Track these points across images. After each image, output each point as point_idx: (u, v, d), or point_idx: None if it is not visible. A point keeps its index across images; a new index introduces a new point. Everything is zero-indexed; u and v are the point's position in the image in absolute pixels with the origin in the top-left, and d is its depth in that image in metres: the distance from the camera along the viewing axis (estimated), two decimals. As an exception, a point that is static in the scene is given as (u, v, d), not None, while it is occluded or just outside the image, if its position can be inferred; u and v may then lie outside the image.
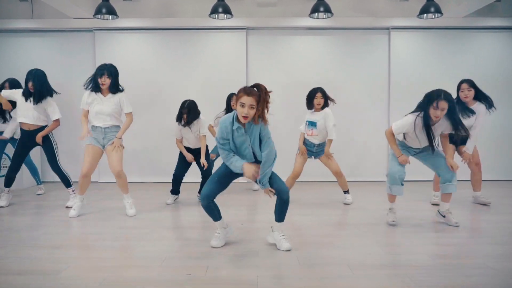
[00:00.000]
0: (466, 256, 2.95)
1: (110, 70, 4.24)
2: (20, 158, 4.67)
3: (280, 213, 3.14)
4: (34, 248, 3.18)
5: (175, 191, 4.97)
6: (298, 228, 3.74)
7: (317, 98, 4.70)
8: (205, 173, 4.79)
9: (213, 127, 5.37)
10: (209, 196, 3.04)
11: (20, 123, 4.60)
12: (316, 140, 4.73)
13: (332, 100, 4.75)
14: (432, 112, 3.49)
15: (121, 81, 6.59)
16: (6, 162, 6.11)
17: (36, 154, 6.22)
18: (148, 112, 6.65)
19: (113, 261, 2.91)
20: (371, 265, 2.78)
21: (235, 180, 3.22)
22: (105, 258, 2.96)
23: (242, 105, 2.86)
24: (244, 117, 2.89)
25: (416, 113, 3.63)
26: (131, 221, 4.05)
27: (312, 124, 4.70)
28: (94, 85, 4.23)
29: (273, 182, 3.08)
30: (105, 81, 4.19)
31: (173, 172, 4.92)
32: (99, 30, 6.58)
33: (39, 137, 4.58)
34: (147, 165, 6.65)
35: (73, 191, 4.76)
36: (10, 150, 5.61)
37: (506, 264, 2.78)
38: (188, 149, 4.92)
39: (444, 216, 3.84)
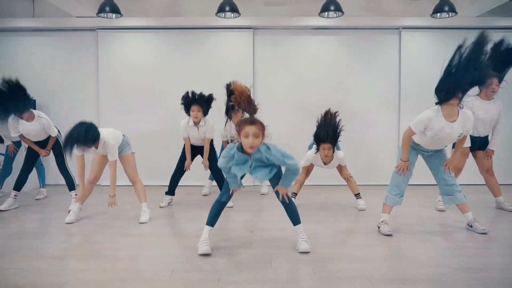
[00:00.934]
0: (494, 269, 2.77)
1: None
2: (34, 157, 4.63)
3: (292, 216, 3.17)
4: (35, 258, 3.02)
5: (171, 191, 4.87)
6: (311, 236, 3.55)
7: (324, 149, 4.27)
8: (217, 177, 4.81)
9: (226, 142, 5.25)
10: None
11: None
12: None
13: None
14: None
15: (124, 81, 6.48)
16: None
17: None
18: (152, 113, 6.49)
19: (117, 273, 2.75)
20: (393, 279, 2.60)
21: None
22: (109, 270, 2.79)
23: (246, 136, 2.76)
24: (251, 147, 2.78)
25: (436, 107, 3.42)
26: (135, 228, 3.88)
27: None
28: None
29: (275, 186, 3.09)
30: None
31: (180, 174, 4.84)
32: (102, 29, 6.41)
33: (47, 152, 4.65)
34: (154, 167, 6.47)
35: (75, 194, 4.63)
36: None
37: (537, 279, 2.60)
38: (193, 146, 4.86)
39: (471, 226, 3.66)
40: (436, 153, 3.68)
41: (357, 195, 4.74)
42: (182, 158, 4.84)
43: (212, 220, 3.18)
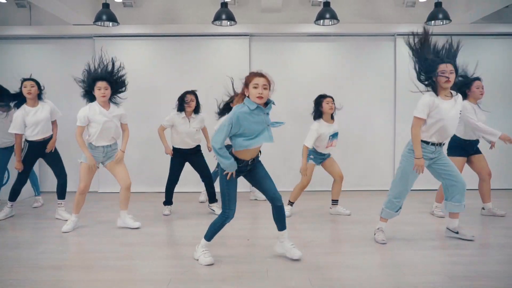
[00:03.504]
0: (489, 277, 2.80)
1: (105, 77, 4.09)
2: (29, 169, 4.62)
3: (279, 221, 3.17)
4: (33, 269, 3.02)
5: (169, 201, 4.89)
6: (306, 244, 3.57)
7: (328, 103, 4.54)
8: (206, 178, 4.84)
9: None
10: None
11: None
12: (331, 150, 4.65)
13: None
14: (440, 79, 3.35)
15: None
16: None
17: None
18: (149, 120, 6.49)
19: (116, 284, 2.76)
20: (388, 288, 2.63)
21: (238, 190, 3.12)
22: (107, 281, 2.80)
23: (256, 87, 2.88)
24: (259, 97, 2.87)
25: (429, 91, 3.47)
26: (133, 237, 3.88)
27: (334, 135, 4.58)
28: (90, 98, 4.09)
29: (268, 189, 3.09)
30: (105, 92, 4.04)
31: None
32: (99, 37, 6.43)
33: (52, 146, 4.63)
34: (150, 173, 6.48)
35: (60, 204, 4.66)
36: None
37: (531, 287, 2.63)
38: (182, 151, 4.79)
39: (457, 232, 3.69)
40: (440, 156, 3.63)
41: (335, 202, 4.78)
42: (172, 167, 4.85)
43: (211, 236, 3.14)
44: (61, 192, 4.67)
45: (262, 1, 5.91)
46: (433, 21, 5.43)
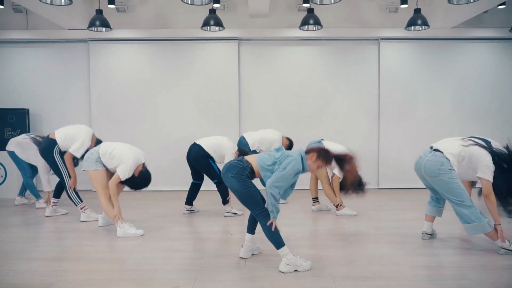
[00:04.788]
0: (447, 267, 3.05)
1: None
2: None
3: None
4: (27, 261, 3.25)
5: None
6: (287, 238, 3.80)
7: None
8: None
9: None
10: None
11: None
12: None
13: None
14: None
15: (115, 91, 6.73)
16: (1, 172, 6.19)
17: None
18: (141, 121, 6.73)
19: (104, 274, 2.99)
20: (355, 277, 2.87)
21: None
22: (97, 271, 3.03)
23: (314, 163, 3.00)
24: (309, 171, 3.06)
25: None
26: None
27: None
28: None
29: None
30: None
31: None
32: (93, 41, 6.67)
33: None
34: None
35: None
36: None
37: (484, 275, 2.88)
38: None
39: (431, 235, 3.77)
40: None
41: (316, 199, 5.06)
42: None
43: (281, 239, 3.03)
44: (59, 191, 4.81)
45: (250, 6, 6.15)
46: (412, 27, 5.67)
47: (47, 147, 4.53)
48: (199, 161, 4.75)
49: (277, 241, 2.96)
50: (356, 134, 6.81)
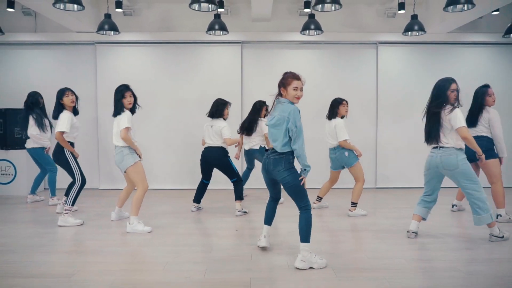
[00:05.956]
0: (439, 260, 3.27)
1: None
2: None
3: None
4: (46, 253, 3.46)
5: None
6: (289, 234, 4.03)
7: (345, 105, 4.98)
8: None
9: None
10: None
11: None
12: None
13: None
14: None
15: (121, 92, 6.91)
16: (11, 170, 6.38)
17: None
18: (146, 122, 6.92)
19: (119, 265, 3.20)
20: (353, 269, 3.09)
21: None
22: (111, 263, 3.24)
23: (295, 89, 3.13)
24: (297, 98, 3.17)
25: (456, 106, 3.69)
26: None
27: None
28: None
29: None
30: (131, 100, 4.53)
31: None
32: (100, 43, 6.86)
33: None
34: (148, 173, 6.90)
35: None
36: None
37: (473, 267, 3.10)
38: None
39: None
40: None
41: (319, 199, 5.22)
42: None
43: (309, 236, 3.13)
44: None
45: (253, 11, 6.35)
46: (409, 32, 5.89)
47: (56, 149, 4.63)
48: (221, 162, 4.94)
49: (307, 235, 3.07)
50: (354, 135, 6.96)
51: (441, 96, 3.72)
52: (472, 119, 4.53)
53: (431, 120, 3.76)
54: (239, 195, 4.95)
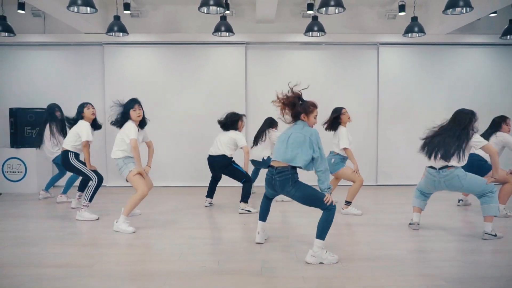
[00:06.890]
0: (439, 251, 3.46)
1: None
2: None
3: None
4: (65, 246, 3.64)
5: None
6: (295, 228, 4.22)
7: (345, 113, 5.11)
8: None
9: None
10: None
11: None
12: None
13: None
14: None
15: (128, 92, 7.07)
16: (21, 168, 6.55)
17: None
18: (153, 121, 7.05)
19: (137, 256, 3.38)
20: (357, 259, 3.27)
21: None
22: (129, 254, 3.43)
23: (315, 117, 3.44)
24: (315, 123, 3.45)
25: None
26: (146, 223, 4.50)
27: None
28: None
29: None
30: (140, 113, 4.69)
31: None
32: (108, 44, 7.02)
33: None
34: (154, 173, 7.07)
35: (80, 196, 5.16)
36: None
37: (471, 258, 3.29)
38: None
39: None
40: None
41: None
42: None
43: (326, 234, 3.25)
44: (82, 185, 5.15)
45: (257, 12, 6.53)
46: (409, 34, 6.07)
47: (64, 159, 4.78)
48: (226, 169, 5.11)
49: (322, 233, 3.18)
50: (356, 134, 7.14)
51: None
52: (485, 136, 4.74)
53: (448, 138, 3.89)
54: (244, 197, 5.02)
